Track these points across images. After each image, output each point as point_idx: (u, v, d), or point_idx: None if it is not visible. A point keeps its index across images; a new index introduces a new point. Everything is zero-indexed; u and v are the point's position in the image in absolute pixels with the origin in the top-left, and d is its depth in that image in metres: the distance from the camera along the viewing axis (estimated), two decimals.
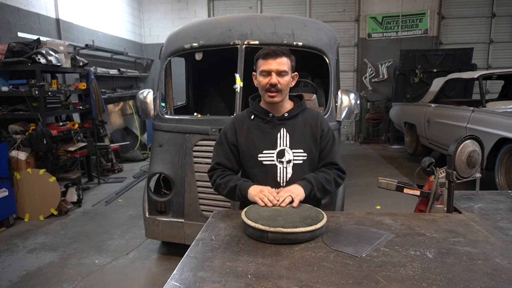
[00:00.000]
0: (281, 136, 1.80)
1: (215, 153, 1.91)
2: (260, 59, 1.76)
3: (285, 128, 1.80)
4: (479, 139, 1.84)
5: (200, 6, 9.68)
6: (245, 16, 3.43)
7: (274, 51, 1.72)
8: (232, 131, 1.86)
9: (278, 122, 1.81)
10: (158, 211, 3.31)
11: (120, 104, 8.10)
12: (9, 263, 3.34)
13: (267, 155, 1.79)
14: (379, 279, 1.16)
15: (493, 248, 1.36)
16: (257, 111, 1.83)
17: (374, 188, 5.13)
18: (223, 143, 1.88)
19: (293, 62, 1.80)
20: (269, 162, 1.79)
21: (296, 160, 1.79)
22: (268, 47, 1.75)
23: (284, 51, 1.75)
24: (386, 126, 9.36)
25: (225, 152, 1.87)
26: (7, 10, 5.08)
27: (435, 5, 9.17)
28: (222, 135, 1.90)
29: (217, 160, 1.88)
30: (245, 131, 1.83)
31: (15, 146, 4.36)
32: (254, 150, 1.80)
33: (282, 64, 1.72)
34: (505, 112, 4.46)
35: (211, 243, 1.44)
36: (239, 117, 1.90)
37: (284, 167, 1.79)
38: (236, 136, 1.85)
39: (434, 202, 1.87)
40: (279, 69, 1.71)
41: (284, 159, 1.79)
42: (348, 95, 3.15)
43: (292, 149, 1.79)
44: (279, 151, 1.79)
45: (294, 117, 1.83)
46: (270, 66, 1.72)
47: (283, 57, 1.73)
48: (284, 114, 1.81)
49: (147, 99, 3.40)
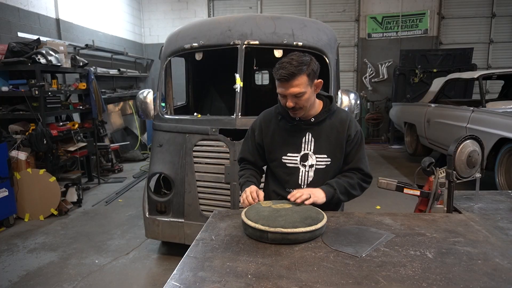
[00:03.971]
0: (306, 141, 1.79)
1: (242, 147, 2.00)
2: (276, 79, 1.67)
3: (311, 133, 1.78)
4: (479, 139, 1.84)
5: (200, 6, 9.68)
6: (245, 16, 3.43)
7: (286, 76, 1.58)
8: (259, 130, 1.88)
9: (304, 126, 1.78)
10: (158, 211, 3.31)
11: (120, 104, 8.10)
12: (9, 263, 3.34)
13: (291, 157, 1.80)
14: (379, 279, 1.16)
15: (493, 248, 1.36)
16: (284, 113, 1.80)
17: (374, 188, 5.11)
18: (250, 139, 1.94)
19: (312, 72, 1.64)
20: (293, 165, 1.81)
21: (319, 165, 1.79)
22: (282, 66, 1.61)
23: (297, 69, 1.58)
24: (386, 126, 9.36)
25: (250, 148, 1.94)
26: (7, 10, 5.08)
27: (435, 5, 9.17)
28: (250, 131, 1.95)
29: (241, 155, 1.98)
30: (271, 132, 1.84)
31: (15, 146, 4.36)
32: (279, 152, 1.82)
33: (297, 87, 1.61)
34: (505, 112, 4.46)
35: (211, 243, 1.44)
36: (267, 115, 1.90)
37: (307, 170, 1.80)
38: (262, 136, 1.87)
39: (434, 202, 1.87)
40: (294, 93, 1.63)
41: (307, 163, 1.79)
42: (348, 95, 3.15)
43: (315, 154, 1.78)
44: (302, 155, 1.79)
45: (321, 122, 1.78)
46: (284, 90, 1.64)
47: (297, 77, 1.59)
48: (311, 119, 1.77)
49: (147, 99, 3.40)
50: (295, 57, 1.62)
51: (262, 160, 1.94)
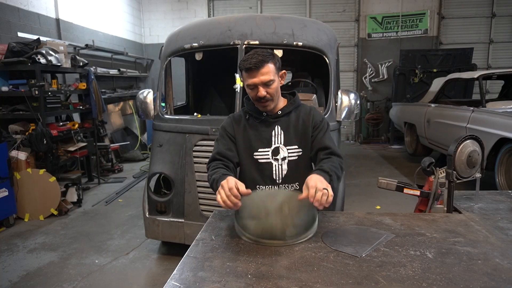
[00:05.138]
0: (276, 134, 1.81)
1: (215, 146, 1.87)
2: (244, 72, 1.70)
3: (279, 125, 1.81)
4: (479, 139, 1.84)
5: (200, 6, 9.68)
6: (245, 16, 3.43)
7: (256, 63, 1.64)
8: (231, 127, 1.87)
9: (272, 120, 1.82)
10: (158, 211, 3.31)
11: (120, 104, 8.10)
12: (9, 263, 3.34)
13: (263, 153, 1.81)
14: (379, 279, 1.16)
15: (493, 248, 1.36)
16: (252, 111, 1.84)
17: (374, 188, 5.12)
18: (224, 136, 1.87)
19: (278, 62, 1.73)
20: (265, 160, 1.81)
21: (291, 157, 1.80)
22: (249, 57, 1.66)
23: (265, 57, 1.66)
24: (386, 126, 9.35)
25: (226, 143, 1.84)
26: (7, 10, 5.08)
27: (435, 5, 9.17)
28: (221, 130, 1.90)
29: (217, 150, 1.81)
30: (242, 130, 1.85)
31: (15, 146, 4.36)
32: (250, 149, 1.82)
33: (267, 74, 1.66)
34: (505, 112, 4.46)
35: (211, 243, 1.44)
36: (236, 116, 1.91)
37: (280, 164, 1.80)
38: (234, 133, 1.85)
39: (434, 202, 1.87)
40: (264, 80, 1.67)
41: (279, 157, 1.80)
42: (348, 95, 3.15)
43: (286, 146, 1.80)
44: (274, 148, 1.80)
45: (288, 114, 1.83)
46: (254, 79, 1.67)
47: (266, 65, 1.66)
48: (278, 112, 1.82)
49: (147, 99, 3.40)
50: (258, 50, 1.70)
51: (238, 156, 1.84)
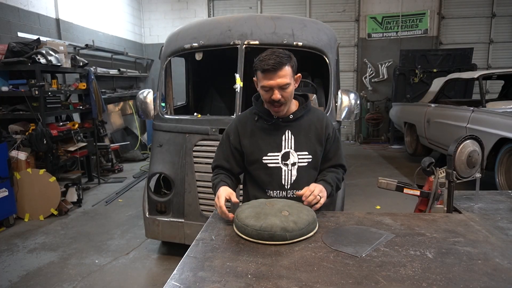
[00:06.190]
0: (286, 139, 1.76)
1: (216, 154, 1.89)
2: (259, 72, 1.64)
3: (290, 130, 1.76)
4: (479, 139, 1.84)
5: (200, 6, 9.68)
6: (245, 16, 3.43)
7: (274, 65, 1.57)
8: (235, 133, 1.82)
9: (283, 124, 1.76)
10: (158, 211, 3.31)
11: (120, 104, 8.10)
12: (9, 263, 3.34)
13: (272, 157, 1.76)
14: (379, 279, 1.16)
15: (493, 248, 1.36)
16: (261, 112, 1.78)
17: (374, 188, 5.12)
18: (225, 144, 1.85)
19: (295, 64, 1.67)
20: (274, 165, 1.76)
21: (301, 163, 1.76)
22: (266, 57, 1.60)
23: (283, 59, 1.60)
24: (386, 126, 9.36)
25: (225, 154, 1.84)
26: (7, 10, 5.08)
27: (435, 5, 9.17)
28: (224, 136, 1.87)
29: (216, 163, 1.87)
30: (249, 133, 1.79)
31: (15, 146, 4.36)
32: (259, 152, 1.77)
33: (284, 77, 1.60)
34: (505, 112, 4.46)
35: (211, 243, 1.44)
36: (242, 118, 1.85)
37: (289, 169, 1.76)
38: (239, 139, 1.80)
39: (434, 202, 1.87)
40: (281, 84, 1.60)
41: (289, 162, 1.76)
42: (348, 95, 3.15)
43: (297, 152, 1.76)
44: (284, 153, 1.76)
45: (299, 118, 1.78)
46: (271, 82, 1.60)
47: (283, 68, 1.59)
48: (289, 116, 1.75)
49: (147, 99, 3.40)
50: (276, 51, 1.63)
51: (238, 166, 1.85)
